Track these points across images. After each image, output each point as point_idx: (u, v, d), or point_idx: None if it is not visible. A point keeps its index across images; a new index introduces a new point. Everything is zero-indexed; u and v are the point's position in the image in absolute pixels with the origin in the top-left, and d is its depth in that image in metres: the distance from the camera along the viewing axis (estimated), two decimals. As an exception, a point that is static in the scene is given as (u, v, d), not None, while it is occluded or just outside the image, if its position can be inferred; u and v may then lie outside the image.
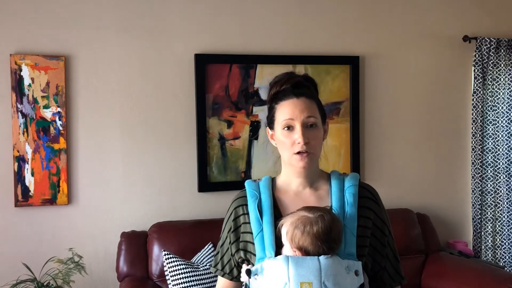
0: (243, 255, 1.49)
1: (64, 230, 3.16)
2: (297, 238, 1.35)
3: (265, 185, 1.51)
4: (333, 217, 1.39)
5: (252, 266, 1.43)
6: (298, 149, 1.43)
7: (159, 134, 3.31)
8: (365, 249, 1.45)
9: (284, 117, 1.45)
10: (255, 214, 1.45)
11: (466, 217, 3.90)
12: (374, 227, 1.49)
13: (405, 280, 1.55)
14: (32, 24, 3.10)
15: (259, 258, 1.41)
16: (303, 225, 1.35)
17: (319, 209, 1.40)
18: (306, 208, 1.41)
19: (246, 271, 1.40)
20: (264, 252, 1.40)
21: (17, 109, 3.05)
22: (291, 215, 1.40)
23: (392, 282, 1.53)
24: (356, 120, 3.61)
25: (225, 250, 1.55)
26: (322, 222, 1.35)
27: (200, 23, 3.37)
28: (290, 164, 1.48)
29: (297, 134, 1.43)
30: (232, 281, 1.56)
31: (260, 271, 1.38)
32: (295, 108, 1.44)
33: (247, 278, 1.41)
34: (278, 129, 1.48)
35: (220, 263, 1.57)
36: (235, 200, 1.56)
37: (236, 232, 1.51)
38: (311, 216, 1.37)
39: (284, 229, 1.39)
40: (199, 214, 3.34)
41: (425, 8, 3.78)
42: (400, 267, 1.55)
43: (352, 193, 1.46)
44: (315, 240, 1.34)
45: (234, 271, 1.54)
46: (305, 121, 1.44)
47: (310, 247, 1.35)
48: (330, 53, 3.58)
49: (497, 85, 3.82)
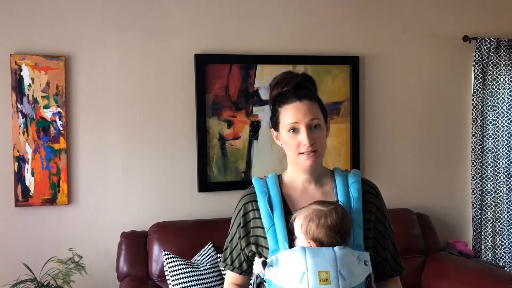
0: (254, 249, 1.54)
1: (64, 230, 3.16)
2: (312, 230, 1.41)
3: (273, 182, 1.57)
4: (344, 210, 1.46)
5: (265, 258, 1.47)
6: (303, 150, 1.50)
7: (159, 134, 3.32)
8: (370, 241, 1.52)
9: (289, 120, 1.51)
10: (266, 209, 1.51)
11: (466, 217, 3.90)
12: (376, 220, 1.56)
13: (404, 270, 1.63)
14: (32, 24, 3.10)
15: (273, 250, 1.46)
16: (317, 217, 1.42)
17: (331, 203, 1.47)
18: (318, 202, 1.47)
19: (262, 263, 1.45)
20: (277, 245, 1.46)
21: (17, 109, 3.05)
22: (304, 209, 1.46)
23: (393, 272, 1.61)
24: (356, 120, 3.61)
25: (235, 245, 1.61)
26: (335, 214, 1.42)
27: (200, 23, 3.37)
28: (297, 164, 1.54)
29: (303, 136, 1.49)
30: (242, 275, 1.62)
31: (275, 262, 1.43)
32: (299, 111, 1.50)
33: (261, 270, 1.46)
34: (283, 131, 1.54)
35: (230, 258, 1.62)
36: (244, 197, 1.61)
37: (245, 227, 1.57)
38: (324, 209, 1.43)
39: (297, 222, 1.45)
40: (199, 214, 3.35)
41: (425, 8, 3.78)
42: (400, 258, 1.62)
43: (357, 188, 1.53)
44: (330, 232, 1.41)
45: (244, 265, 1.60)
46: (309, 123, 1.50)
47: (325, 239, 1.41)
48: (330, 53, 3.58)
49: (497, 85, 3.82)
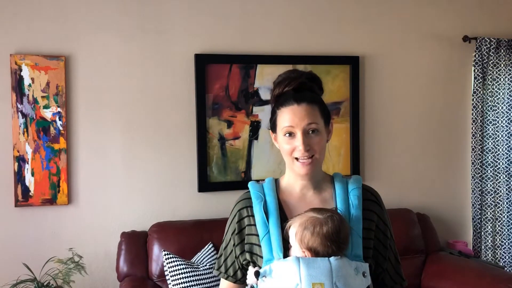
0: (248, 257, 1.48)
1: (64, 230, 3.16)
2: (307, 239, 1.35)
3: (270, 187, 1.50)
4: (341, 218, 1.39)
5: (259, 268, 1.42)
6: (298, 155, 1.44)
7: (159, 134, 3.32)
8: (369, 251, 1.46)
9: (285, 124, 1.45)
10: (261, 216, 1.44)
11: (466, 217, 3.90)
12: (377, 229, 1.49)
13: (405, 282, 1.56)
14: (32, 24, 3.10)
15: (267, 259, 1.40)
16: (312, 226, 1.35)
17: (328, 210, 1.40)
18: (314, 209, 1.41)
19: (255, 273, 1.39)
20: (271, 254, 1.40)
21: (17, 109, 3.05)
22: (300, 216, 1.39)
23: (394, 284, 1.54)
24: (356, 120, 3.61)
25: (229, 252, 1.53)
26: (331, 222, 1.35)
27: (200, 23, 3.37)
28: (292, 170, 1.48)
29: (298, 141, 1.43)
30: (236, 283, 1.55)
31: (268, 273, 1.37)
32: (295, 116, 1.43)
33: (255, 280, 1.40)
34: (280, 134, 1.48)
35: (224, 265, 1.55)
36: (239, 202, 1.54)
37: (240, 234, 1.50)
38: (320, 217, 1.36)
39: (292, 230, 1.38)
40: (199, 214, 3.35)
41: (425, 8, 3.78)
42: (401, 269, 1.56)
43: (357, 196, 1.46)
44: (325, 241, 1.34)
45: (238, 273, 1.53)
46: (306, 128, 1.43)
47: (320, 248, 1.34)
48: (330, 53, 3.58)
49: (497, 85, 3.82)
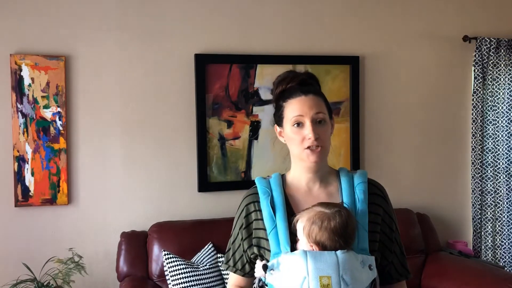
0: (256, 251, 1.51)
1: (64, 230, 3.16)
2: (315, 233, 1.37)
3: (276, 182, 1.53)
4: (349, 213, 1.41)
5: (267, 261, 1.44)
6: (308, 144, 1.46)
7: (159, 134, 3.32)
8: (375, 244, 1.48)
9: (294, 114, 1.48)
10: (268, 210, 1.47)
11: (466, 217, 3.90)
12: (382, 223, 1.52)
13: (411, 275, 1.59)
14: (32, 24, 3.10)
15: (274, 253, 1.43)
16: (320, 220, 1.37)
17: (335, 205, 1.42)
18: (322, 204, 1.43)
19: (263, 266, 1.41)
20: (279, 248, 1.42)
21: (17, 109, 3.05)
22: (307, 211, 1.42)
23: (399, 277, 1.57)
24: (356, 120, 3.61)
25: (237, 246, 1.57)
26: (339, 217, 1.38)
27: (200, 23, 3.37)
28: (301, 159, 1.50)
29: (307, 130, 1.46)
30: (244, 277, 1.59)
31: (276, 266, 1.40)
32: (304, 105, 1.47)
33: (263, 273, 1.42)
34: (288, 126, 1.50)
35: (232, 259, 1.59)
36: (246, 197, 1.57)
37: (248, 228, 1.53)
38: (328, 212, 1.39)
39: (300, 224, 1.41)
40: (199, 214, 3.34)
41: (425, 8, 3.78)
42: (406, 262, 1.58)
43: (363, 190, 1.49)
44: (333, 235, 1.36)
45: (246, 267, 1.57)
46: (314, 117, 1.47)
47: (327, 242, 1.37)
48: (330, 53, 3.58)
49: (497, 85, 3.82)
